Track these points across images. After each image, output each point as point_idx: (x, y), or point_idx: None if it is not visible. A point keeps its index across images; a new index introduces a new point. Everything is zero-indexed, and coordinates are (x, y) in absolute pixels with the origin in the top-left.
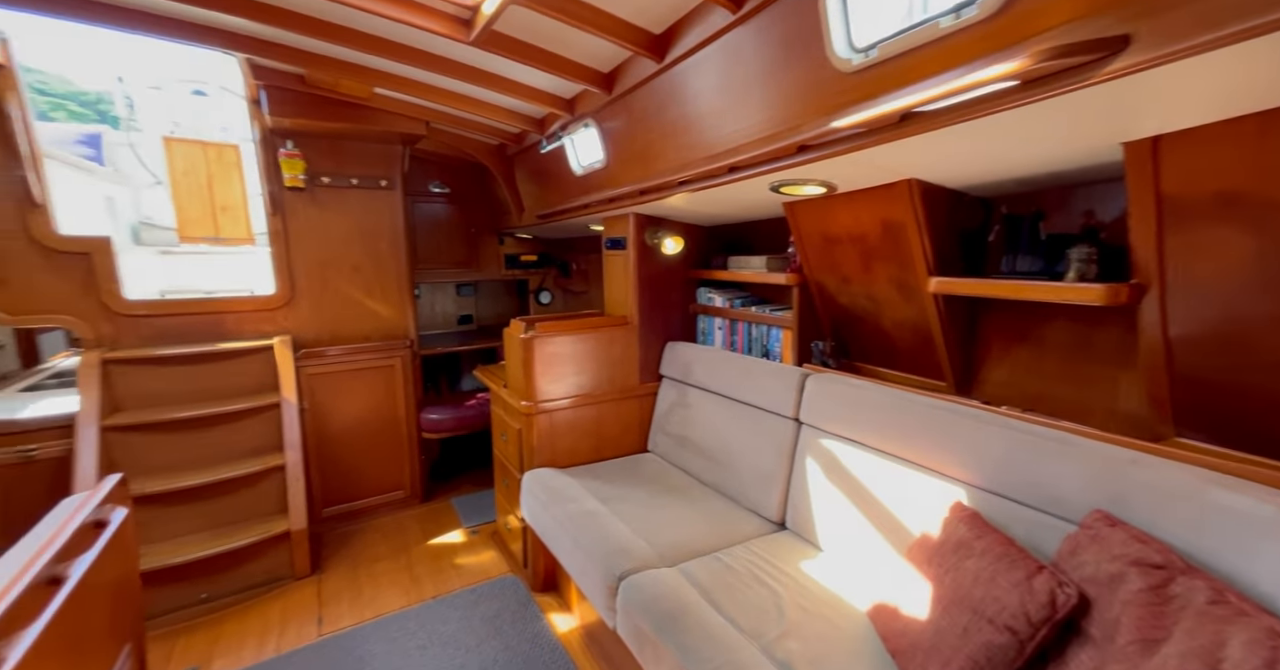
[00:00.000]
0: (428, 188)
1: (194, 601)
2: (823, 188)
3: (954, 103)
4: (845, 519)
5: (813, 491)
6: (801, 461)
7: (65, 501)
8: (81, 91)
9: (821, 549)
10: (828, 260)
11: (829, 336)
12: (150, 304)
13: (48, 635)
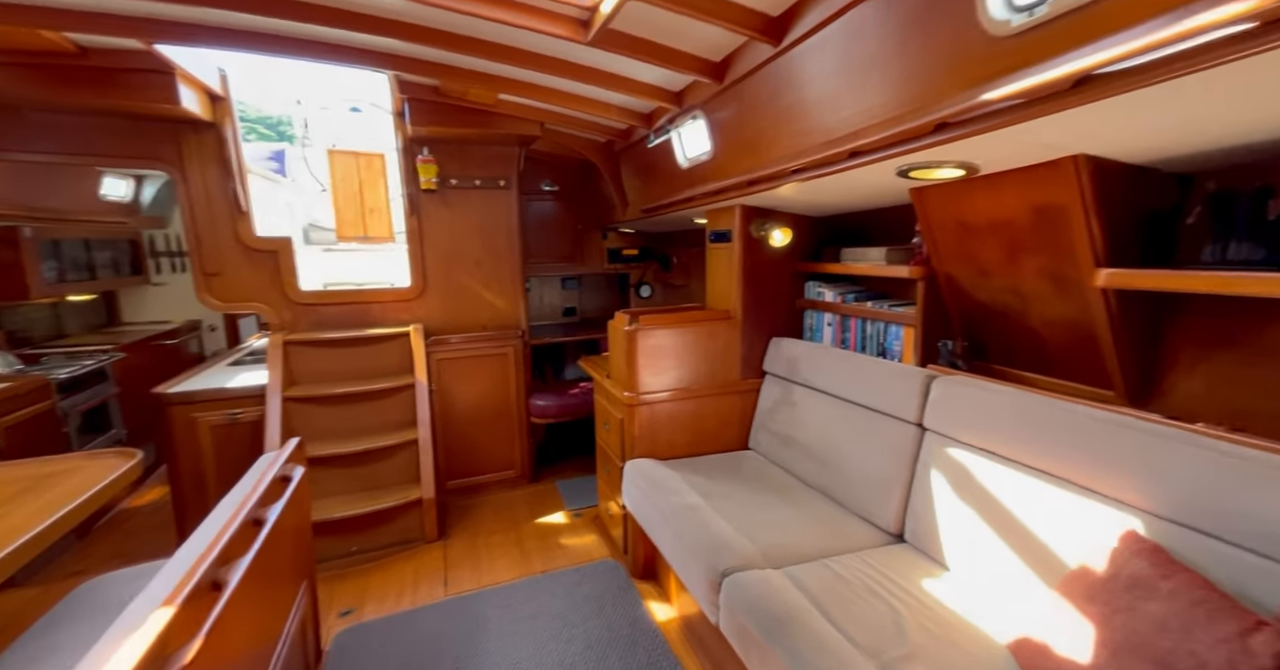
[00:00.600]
0: (539, 186)
1: (347, 553)
2: (961, 170)
3: (1152, 59)
4: (979, 538)
5: (939, 504)
6: (925, 470)
7: (261, 458)
8: (268, 116)
9: (948, 568)
10: (962, 251)
11: (959, 335)
12: (317, 294)
13: (254, 566)
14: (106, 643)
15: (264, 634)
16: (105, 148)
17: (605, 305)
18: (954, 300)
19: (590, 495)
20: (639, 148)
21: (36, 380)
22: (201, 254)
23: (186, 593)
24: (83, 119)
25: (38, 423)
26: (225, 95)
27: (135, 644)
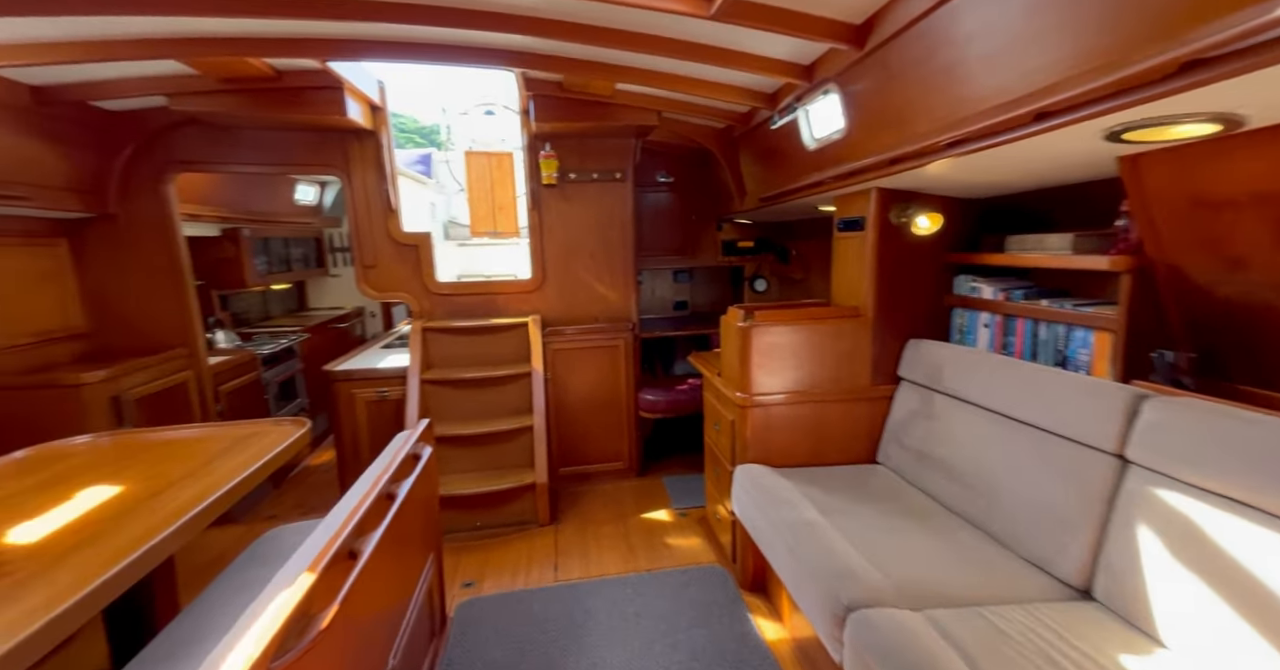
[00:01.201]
0: (654, 178)
1: (472, 527)
2: (1215, 125)
3: None
4: (1211, 610)
5: (1149, 560)
6: (1126, 514)
7: (396, 438)
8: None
9: (1163, 644)
10: (1199, 235)
11: (1184, 345)
12: (451, 285)
13: (385, 537)
14: (260, 603)
15: (396, 598)
16: (296, 158)
17: (717, 299)
18: (1179, 299)
19: (697, 495)
20: (760, 132)
21: (248, 354)
22: (361, 248)
23: (326, 561)
24: (279, 134)
25: (248, 390)
26: (383, 105)
27: (282, 606)
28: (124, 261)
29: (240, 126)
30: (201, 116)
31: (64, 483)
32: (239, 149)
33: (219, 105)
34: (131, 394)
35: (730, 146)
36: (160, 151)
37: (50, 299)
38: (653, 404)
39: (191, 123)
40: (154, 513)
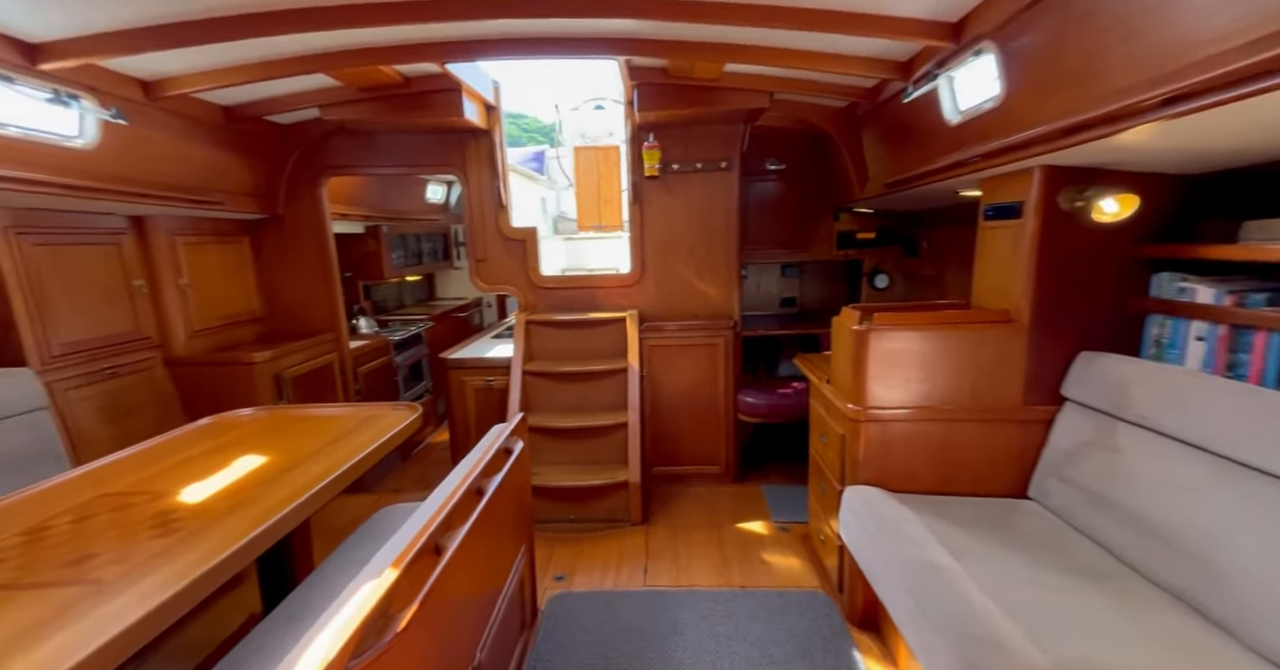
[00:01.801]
0: (762, 166)
1: (565, 519)
2: None
3: None
4: None
5: None
6: None
7: (491, 431)
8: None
9: None
10: None
11: None
12: (555, 279)
13: (473, 531)
14: (344, 599)
15: (485, 591)
16: (421, 159)
17: (829, 297)
18: None
19: (799, 509)
20: (889, 108)
21: (383, 340)
22: (474, 243)
23: (410, 557)
24: (408, 137)
25: (381, 372)
26: (497, 104)
27: (361, 605)
28: (288, 256)
29: (377, 132)
30: (347, 124)
31: (228, 450)
32: (376, 153)
33: (360, 113)
34: (289, 372)
35: (851, 127)
36: (316, 158)
37: (236, 289)
38: (753, 407)
39: (339, 131)
40: (288, 485)
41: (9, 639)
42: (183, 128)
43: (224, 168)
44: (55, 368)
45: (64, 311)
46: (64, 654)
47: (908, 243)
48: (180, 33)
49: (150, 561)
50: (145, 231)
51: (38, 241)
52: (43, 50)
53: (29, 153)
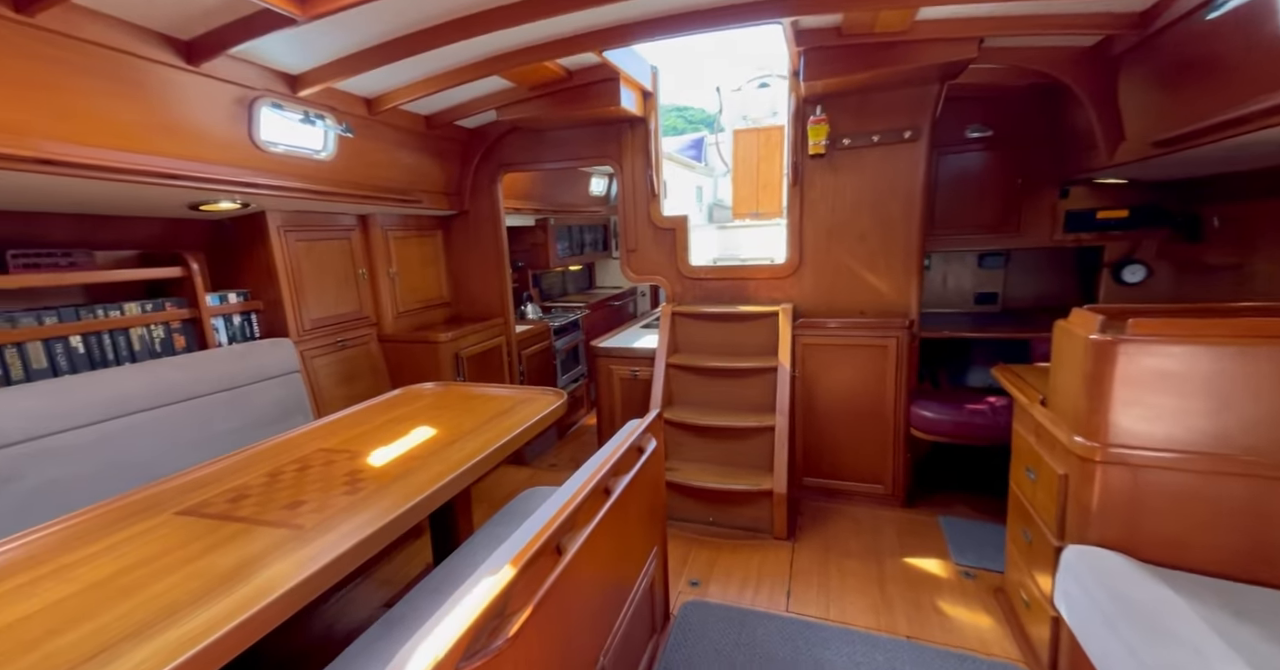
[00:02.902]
0: (961, 133)
1: (703, 521)
2: None
3: None
4: None
5: None
6: None
7: (625, 427)
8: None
9: None
10: None
11: None
12: (703, 269)
13: (596, 532)
14: (460, 595)
15: (611, 593)
16: (582, 152)
17: (1046, 293)
18: None
19: (991, 552)
20: (1173, 36)
21: (544, 325)
22: (626, 233)
23: (530, 556)
24: (570, 132)
25: (542, 355)
26: (654, 91)
27: (475, 604)
28: (470, 247)
29: (545, 129)
30: (519, 123)
31: (410, 419)
32: (544, 149)
33: (530, 111)
34: (466, 352)
35: (1101, 72)
36: (494, 157)
37: (431, 276)
38: (931, 423)
39: (513, 130)
40: (447, 459)
41: (244, 564)
42: (394, 137)
43: (424, 170)
44: (306, 339)
45: (312, 294)
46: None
47: (1186, 222)
48: (389, 50)
49: (339, 515)
50: (368, 228)
51: (298, 238)
52: (300, 79)
53: (292, 166)
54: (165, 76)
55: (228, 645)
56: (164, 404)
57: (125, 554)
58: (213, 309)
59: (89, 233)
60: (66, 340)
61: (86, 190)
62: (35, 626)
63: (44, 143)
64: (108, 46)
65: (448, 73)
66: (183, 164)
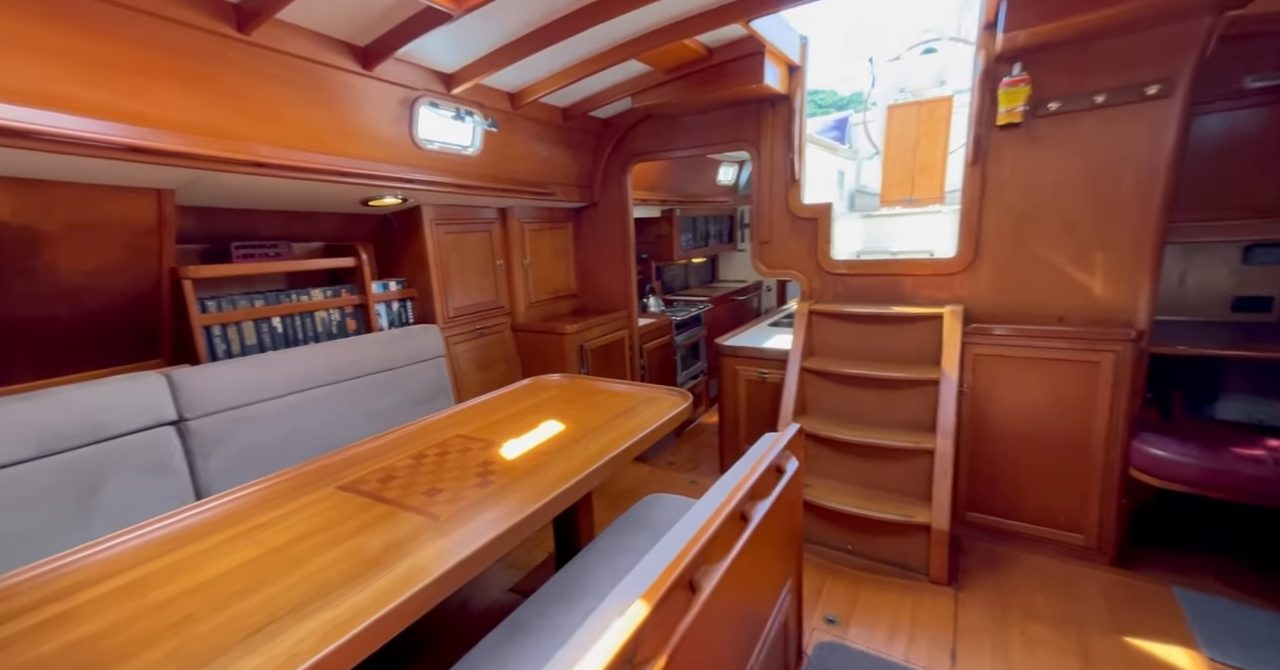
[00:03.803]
0: (1231, 85)
1: (841, 547)
2: None
3: None
4: None
5: None
6: None
7: (760, 441)
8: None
9: None
10: None
11: None
12: (847, 264)
13: (735, 565)
14: (585, 632)
15: (743, 631)
16: (715, 137)
17: None
18: None
19: (1266, 649)
20: None
21: (666, 319)
22: (759, 223)
23: (662, 594)
24: (704, 116)
25: (663, 350)
26: (801, 63)
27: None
28: (598, 239)
29: (678, 115)
30: (654, 110)
31: (538, 411)
32: (676, 135)
33: (666, 95)
34: (591, 344)
35: None
36: (625, 147)
37: (560, 268)
38: (1166, 465)
39: (646, 119)
40: (573, 457)
41: (388, 549)
42: (533, 130)
43: (558, 163)
44: (450, 326)
45: (457, 284)
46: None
47: None
48: (532, 41)
49: (471, 507)
50: (506, 220)
51: (447, 231)
52: (454, 77)
53: (444, 161)
54: (345, 82)
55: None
56: (337, 381)
57: (297, 524)
58: (377, 296)
59: (288, 226)
60: (270, 321)
61: (285, 188)
62: (228, 585)
63: (255, 147)
64: (302, 57)
65: (587, 60)
66: (358, 163)
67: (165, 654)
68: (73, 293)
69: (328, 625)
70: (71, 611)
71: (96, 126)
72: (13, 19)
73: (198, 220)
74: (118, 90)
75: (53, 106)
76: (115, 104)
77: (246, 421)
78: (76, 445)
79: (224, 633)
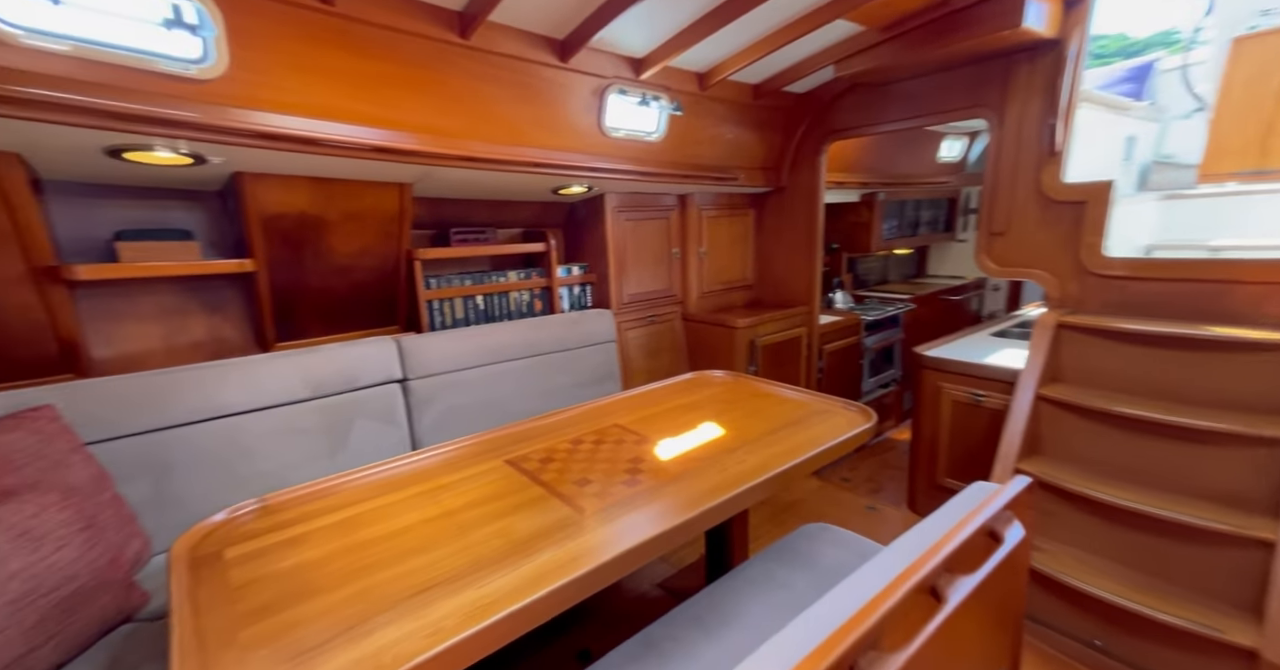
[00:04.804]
0: None
1: (1084, 638)
2: None
3: None
4: None
5: None
6: None
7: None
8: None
9: None
10: None
11: None
12: (1129, 263)
13: (920, 655)
14: None
15: None
16: (942, 104)
17: None
18: None
19: None
20: None
21: (854, 318)
22: (991, 209)
23: None
24: (928, 80)
25: (847, 352)
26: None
27: None
28: (781, 227)
29: (891, 82)
30: (861, 78)
31: (696, 410)
32: (888, 106)
33: (878, 59)
34: (762, 340)
35: None
36: (822, 124)
37: (737, 257)
38: None
39: (850, 90)
40: (730, 468)
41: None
42: (718, 111)
43: (743, 145)
44: (622, 312)
45: (632, 270)
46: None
47: None
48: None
49: (616, 506)
50: (685, 207)
51: (627, 218)
52: (644, 61)
53: (628, 149)
54: (545, 76)
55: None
56: (522, 357)
57: (468, 491)
58: (561, 279)
59: (495, 214)
60: (475, 298)
61: (491, 179)
62: (407, 540)
63: (468, 143)
64: (511, 56)
65: (786, 26)
66: (551, 154)
67: (350, 595)
68: (343, 269)
69: (470, 605)
70: (306, 535)
71: (357, 132)
72: (310, 48)
73: (428, 209)
74: (370, 100)
75: (331, 117)
76: (369, 112)
77: (450, 386)
78: (335, 392)
79: (394, 587)
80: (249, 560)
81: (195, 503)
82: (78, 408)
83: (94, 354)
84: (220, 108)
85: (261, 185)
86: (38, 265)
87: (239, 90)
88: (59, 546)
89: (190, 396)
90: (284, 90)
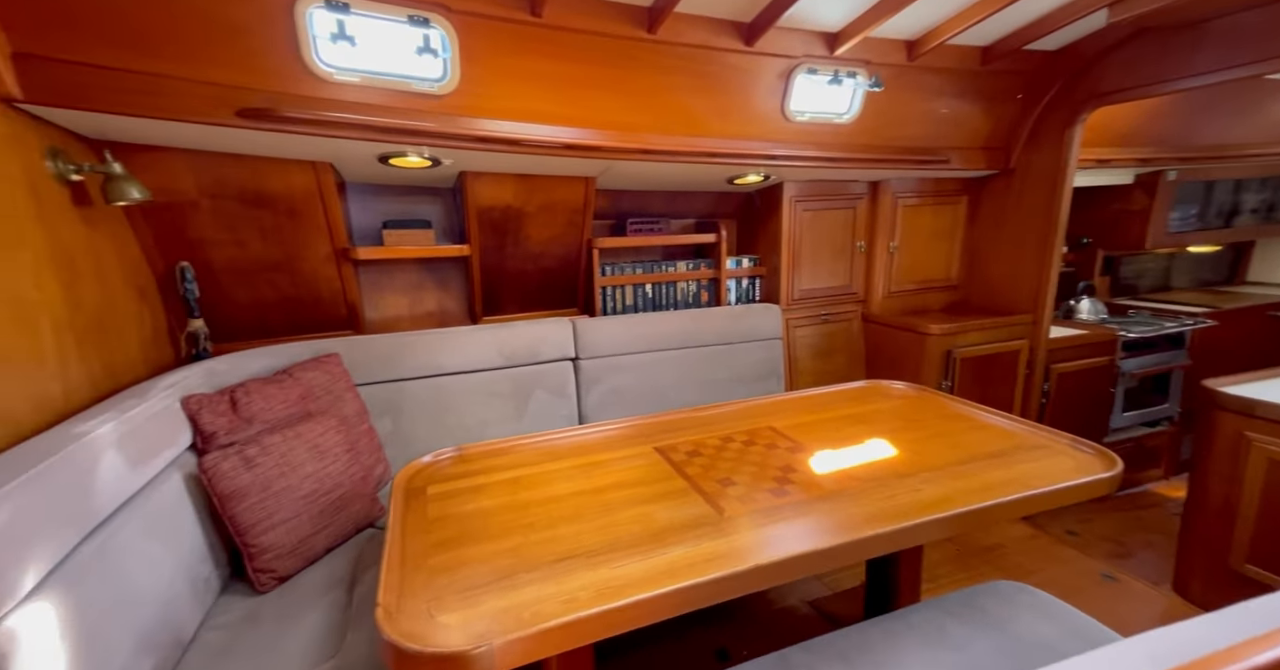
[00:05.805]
0: None
1: None
2: None
3: None
4: None
5: None
6: None
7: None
8: None
9: None
10: None
11: None
12: None
13: None
14: None
15: None
16: None
17: None
18: None
19: None
20: None
21: (1106, 333)
22: None
23: None
24: (1265, 10)
25: (1091, 375)
26: None
27: None
28: (1005, 217)
29: (1200, 19)
30: (1149, 19)
31: (865, 423)
32: (1196, 53)
33: None
34: (962, 352)
35: None
36: (1080, 87)
37: (939, 253)
38: None
39: (1132, 38)
40: (893, 498)
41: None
42: (929, 83)
43: (960, 121)
44: (792, 308)
45: (808, 264)
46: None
47: None
48: None
49: (757, 515)
50: (877, 195)
51: (805, 208)
52: (840, 35)
53: (812, 133)
54: (728, 62)
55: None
56: (684, 347)
57: (617, 472)
58: (730, 271)
59: (670, 204)
60: (644, 286)
61: (667, 171)
62: (559, 508)
63: (646, 136)
64: (696, 46)
65: None
66: (727, 143)
67: (508, 548)
68: (536, 256)
69: (603, 582)
70: (485, 486)
71: (552, 132)
72: (519, 59)
73: (608, 200)
74: (563, 101)
75: (531, 120)
76: (563, 112)
77: (614, 368)
78: (522, 363)
79: (542, 549)
80: (443, 498)
81: (418, 443)
82: (352, 357)
83: (367, 316)
84: (451, 117)
85: (479, 182)
86: (339, 247)
87: (465, 101)
88: (334, 460)
89: (420, 356)
90: (497, 97)
